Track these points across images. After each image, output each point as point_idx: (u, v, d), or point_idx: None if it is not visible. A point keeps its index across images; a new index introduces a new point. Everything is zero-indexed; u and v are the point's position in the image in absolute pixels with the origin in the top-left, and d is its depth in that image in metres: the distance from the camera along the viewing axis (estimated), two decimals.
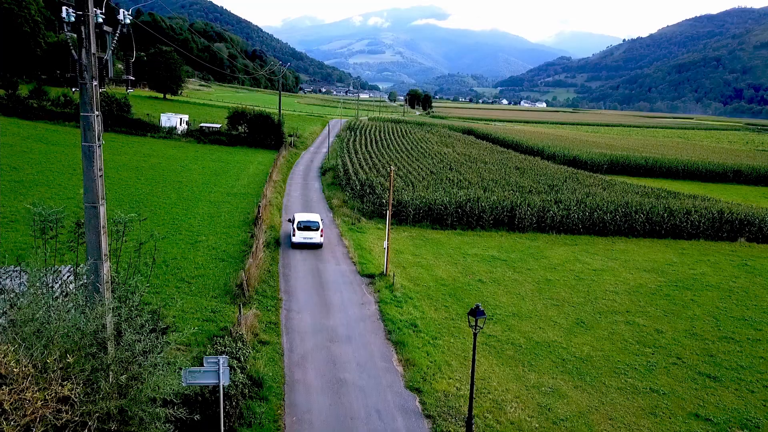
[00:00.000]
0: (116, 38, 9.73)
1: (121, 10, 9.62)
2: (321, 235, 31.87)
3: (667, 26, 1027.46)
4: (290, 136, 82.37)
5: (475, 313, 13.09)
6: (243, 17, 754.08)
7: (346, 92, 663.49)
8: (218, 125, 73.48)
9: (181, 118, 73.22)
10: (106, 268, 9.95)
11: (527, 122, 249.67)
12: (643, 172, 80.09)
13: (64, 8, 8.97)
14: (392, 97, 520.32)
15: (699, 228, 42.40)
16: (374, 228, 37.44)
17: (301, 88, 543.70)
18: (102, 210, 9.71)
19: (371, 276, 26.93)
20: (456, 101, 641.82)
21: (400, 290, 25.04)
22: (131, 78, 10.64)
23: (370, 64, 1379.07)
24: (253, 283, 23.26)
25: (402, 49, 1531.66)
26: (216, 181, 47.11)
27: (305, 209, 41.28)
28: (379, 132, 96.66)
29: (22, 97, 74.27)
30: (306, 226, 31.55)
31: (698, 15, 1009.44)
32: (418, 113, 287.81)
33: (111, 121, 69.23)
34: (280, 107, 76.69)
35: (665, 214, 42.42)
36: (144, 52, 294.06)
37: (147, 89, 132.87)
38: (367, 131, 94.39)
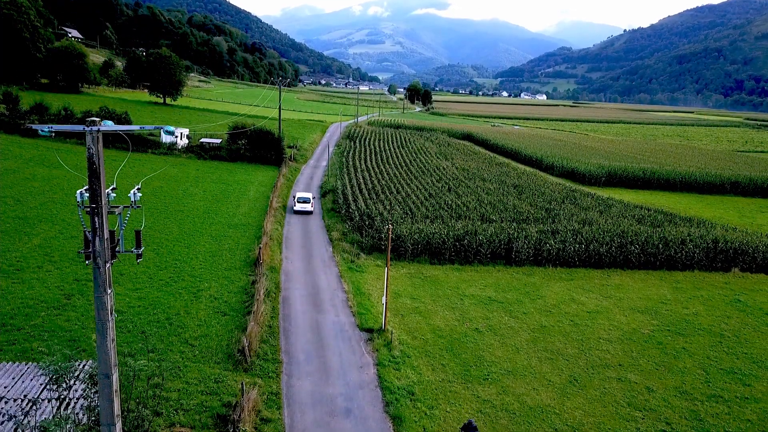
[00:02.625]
0: (128, 216, 10.27)
1: (132, 191, 10.14)
2: (311, 206, 50.38)
3: (669, 16, 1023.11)
4: (290, 147, 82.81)
5: (468, 429, 13.70)
6: (242, 7, 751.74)
7: (346, 84, 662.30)
8: (218, 140, 73.87)
9: (182, 133, 73.59)
10: (118, 429, 10.55)
11: (527, 119, 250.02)
12: (641, 185, 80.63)
13: (78, 192, 9.51)
14: (392, 90, 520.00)
15: (693, 259, 43.02)
16: (373, 265, 38.02)
17: (300, 80, 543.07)
18: (115, 377, 10.30)
19: (370, 330, 27.55)
20: (456, 94, 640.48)
21: (398, 348, 25.69)
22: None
23: (369, 54, 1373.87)
24: (254, 346, 23.90)
25: (402, 39, 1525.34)
26: (217, 209, 47.64)
27: (305, 241, 42.05)
28: (379, 140, 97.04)
29: (23, 111, 74.51)
30: (303, 201, 50.42)
31: (700, 5, 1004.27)
32: (418, 109, 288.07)
33: (112, 138, 69.66)
34: (280, 124, 77.02)
35: (660, 245, 42.98)
36: (144, 48, 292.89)
37: (146, 91, 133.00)
38: (367, 141, 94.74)
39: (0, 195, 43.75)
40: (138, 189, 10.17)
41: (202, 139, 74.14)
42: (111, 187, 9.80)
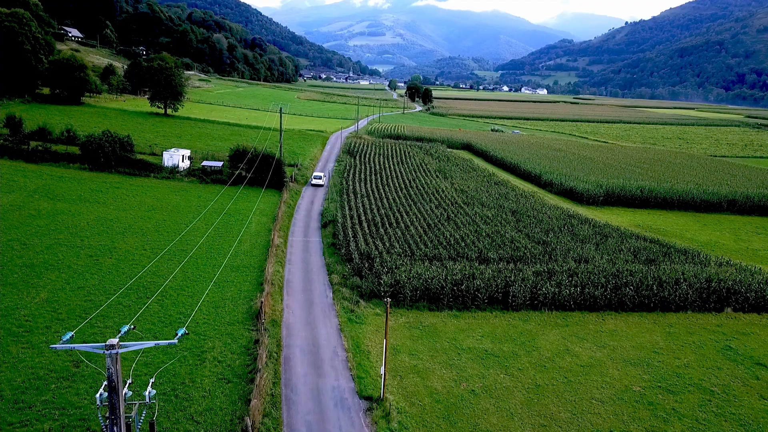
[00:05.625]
0: (143, 414, 11.08)
1: (147, 389, 10.95)
2: (323, 181, 76.83)
3: (670, 8, 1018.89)
4: (291, 165, 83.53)
5: None
6: (242, 0, 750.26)
7: (346, 78, 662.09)
8: (220, 163, 74.59)
9: (183, 155, 74.31)
10: None
11: (527, 119, 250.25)
12: (639, 203, 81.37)
13: (97, 395, 10.33)
14: (392, 85, 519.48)
15: (687, 300, 43.82)
16: (372, 314, 38.86)
17: (300, 75, 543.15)
18: None
19: (369, 398, 28.43)
20: (457, 88, 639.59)
21: (395, 419, 26.58)
22: None
23: (370, 46, 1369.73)
24: (257, 423, 24.80)
25: (402, 31, 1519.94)
26: (219, 247, 48.45)
27: (306, 285, 42.96)
28: (378, 156, 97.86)
29: (26, 133, 75.25)
30: (317, 177, 77.09)
31: None
32: (418, 108, 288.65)
33: (114, 162, 70.49)
34: (281, 149, 77.72)
35: (654, 286, 43.80)
36: (144, 46, 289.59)
37: (147, 99, 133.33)
38: (367, 157, 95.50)
39: (5, 238, 44.56)
40: (152, 384, 10.96)
41: (204, 162, 74.87)
42: (128, 382, 10.59)
